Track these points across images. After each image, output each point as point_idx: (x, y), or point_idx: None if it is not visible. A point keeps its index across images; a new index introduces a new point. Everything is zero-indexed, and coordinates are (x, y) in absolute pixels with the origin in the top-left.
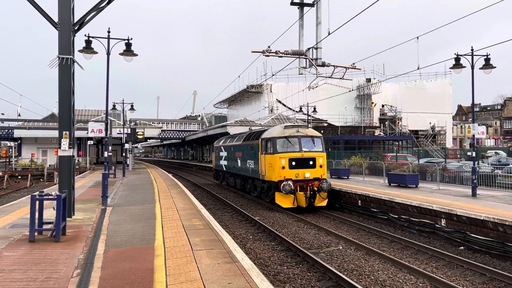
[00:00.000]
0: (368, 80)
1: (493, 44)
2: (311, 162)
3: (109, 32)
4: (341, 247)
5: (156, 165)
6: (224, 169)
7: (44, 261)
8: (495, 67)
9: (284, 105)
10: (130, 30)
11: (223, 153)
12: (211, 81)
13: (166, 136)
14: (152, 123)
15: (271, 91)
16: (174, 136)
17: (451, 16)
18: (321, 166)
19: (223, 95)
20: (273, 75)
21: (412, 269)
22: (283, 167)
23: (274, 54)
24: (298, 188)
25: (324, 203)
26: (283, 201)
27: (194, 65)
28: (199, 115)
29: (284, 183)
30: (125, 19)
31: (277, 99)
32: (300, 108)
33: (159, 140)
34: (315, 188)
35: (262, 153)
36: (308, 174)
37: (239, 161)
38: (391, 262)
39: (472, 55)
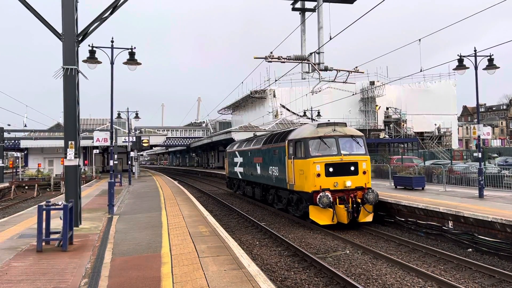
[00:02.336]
0: (372, 83)
1: (497, 45)
2: (352, 168)
3: (112, 41)
4: (348, 251)
5: (161, 172)
6: (240, 176)
7: (52, 271)
8: (498, 68)
9: (288, 110)
10: (125, 37)
11: (238, 159)
12: (214, 88)
13: (171, 144)
14: (157, 130)
15: (274, 96)
16: (179, 143)
17: (451, 16)
18: (364, 173)
19: (227, 101)
20: (276, 80)
21: (420, 272)
22: (318, 175)
23: (276, 59)
24: (337, 200)
25: (370, 218)
26: (320, 216)
27: (195, 72)
28: (204, 122)
29: (321, 194)
30: (120, 26)
31: (281, 104)
32: (304, 113)
33: (164, 148)
34: (359, 200)
35: (289, 158)
36: (349, 182)
37: (258, 167)
38: (399, 266)
39: (475, 56)
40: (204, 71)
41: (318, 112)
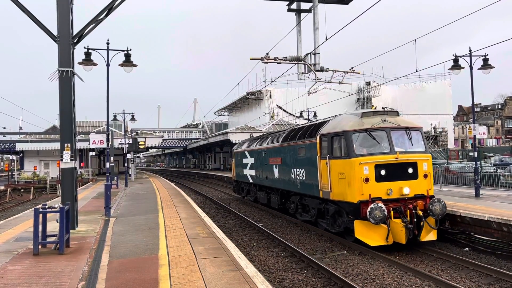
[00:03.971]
0: (368, 83)
1: (491, 45)
2: (410, 170)
3: (108, 43)
4: (345, 252)
5: (158, 174)
6: (250, 180)
7: (49, 274)
8: (493, 67)
9: (285, 111)
10: (120, 40)
11: (248, 160)
12: (210, 89)
13: (167, 145)
14: (154, 132)
15: (271, 97)
16: (176, 145)
17: (444, 17)
18: (425, 176)
19: (223, 103)
20: (272, 81)
21: (417, 271)
22: (367, 179)
23: (272, 60)
24: (391, 212)
25: (434, 235)
26: (369, 235)
27: (190, 74)
28: (200, 123)
29: (373, 206)
30: (114, 29)
31: (277, 105)
32: (301, 113)
33: (160, 149)
34: (420, 212)
35: (323, 158)
36: (407, 189)
37: (275, 170)
38: (396, 266)
39: (470, 56)
40: (199, 73)
41: (315, 113)
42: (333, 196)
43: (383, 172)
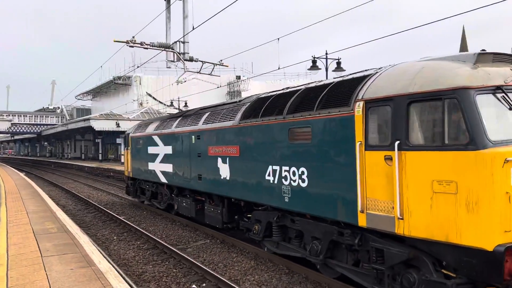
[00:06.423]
0: (238, 77)
1: (343, 49)
2: None
3: None
4: (208, 241)
5: (5, 163)
6: (163, 179)
7: None
8: (344, 70)
9: (155, 99)
10: None
11: (160, 149)
12: (71, 71)
13: (18, 130)
14: (1, 115)
15: (140, 84)
16: (28, 131)
17: (305, 22)
18: None
19: (85, 86)
20: (138, 67)
21: (273, 257)
22: None
23: (139, 45)
24: None
25: None
26: None
27: (46, 52)
28: (59, 107)
29: None
30: None
31: (147, 92)
32: (171, 103)
33: (9, 135)
34: None
35: (371, 147)
36: None
37: (223, 165)
38: (254, 253)
39: (326, 58)
40: (57, 52)
41: (185, 103)
42: (410, 229)
43: None
